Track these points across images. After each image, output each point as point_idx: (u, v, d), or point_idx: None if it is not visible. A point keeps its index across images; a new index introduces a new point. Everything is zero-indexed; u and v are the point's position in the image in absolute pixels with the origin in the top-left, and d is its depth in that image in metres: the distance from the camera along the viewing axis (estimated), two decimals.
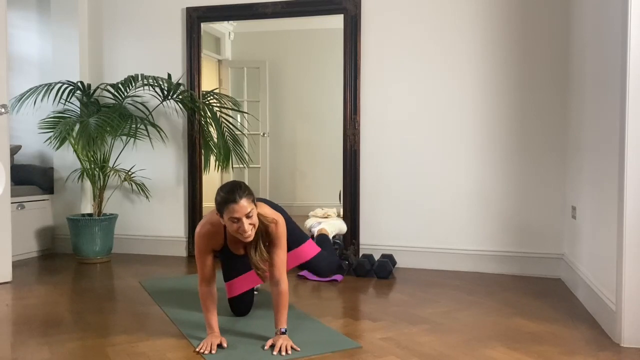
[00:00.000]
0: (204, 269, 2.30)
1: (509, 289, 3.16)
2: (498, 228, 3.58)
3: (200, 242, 2.29)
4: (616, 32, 2.37)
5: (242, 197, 2.10)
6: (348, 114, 3.80)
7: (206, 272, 2.30)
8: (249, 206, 2.11)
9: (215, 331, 2.23)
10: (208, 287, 2.30)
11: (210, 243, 2.31)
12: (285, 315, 2.24)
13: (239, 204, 2.09)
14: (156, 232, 4.24)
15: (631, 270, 2.22)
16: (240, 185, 2.15)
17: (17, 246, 3.91)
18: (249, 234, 2.15)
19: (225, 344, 2.19)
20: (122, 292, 3.11)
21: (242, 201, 2.09)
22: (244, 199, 2.10)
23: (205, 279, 2.30)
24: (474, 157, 3.62)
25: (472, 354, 2.13)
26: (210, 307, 2.27)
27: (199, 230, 2.30)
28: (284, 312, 2.23)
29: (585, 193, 2.91)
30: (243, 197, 2.10)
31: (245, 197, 2.11)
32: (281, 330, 2.20)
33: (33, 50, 4.49)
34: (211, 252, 2.33)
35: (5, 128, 3.29)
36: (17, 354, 2.14)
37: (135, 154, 4.21)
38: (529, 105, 3.52)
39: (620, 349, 2.21)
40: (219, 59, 4.45)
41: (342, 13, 3.79)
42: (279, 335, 2.19)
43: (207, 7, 4.06)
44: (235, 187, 2.14)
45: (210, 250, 2.32)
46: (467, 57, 3.61)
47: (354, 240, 3.80)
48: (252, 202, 2.14)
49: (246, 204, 2.10)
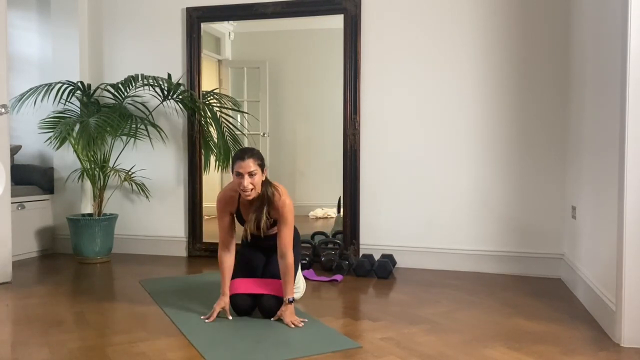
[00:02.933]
0: (222, 231, 2.62)
1: (509, 289, 3.16)
2: (498, 228, 3.58)
3: (219, 204, 2.63)
4: (616, 33, 2.37)
5: (249, 157, 2.44)
6: (348, 114, 3.80)
7: (224, 234, 2.61)
8: (253, 166, 2.43)
9: (225, 294, 2.55)
10: (225, 251, 2.60)
11: (227, 205, 2.62)
12: (292, 286, 2.52)
13: (245, 161, 2.42)
14: (156, 232, 4.24)
15: (631, 270, 2.22)
16: (253, 149, 2.50)
17: (17, 246, 3.90)
18: (248, 192, 2.45)
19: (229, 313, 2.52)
20: (122, 292, 3.11)
21: (248, 160, 2.43)
22: (250, 159, 2.43)
23: (223, 242, 2.61)
24: (474, 156, 3.62)
25: (472, 354, 2.13)
26: (224, 272, 2.58)
27: (219, 194, 2.65)
28: (290, 283, 2.51)
29: (585, 193, 2.91)
30: (250, 158, 2.44)
31: (252, 157, 2.44)
32: (289, 300, 2.49)
33: (33, 50, 4.49)
34: (229, 214, 2.62)
35: (5, 128, 3.29)
36: (17, 354, 2.14)
37: (135, 154, 4.21)
38: (529, 105, 3.52)
39: (620, 349, 2.21)
40: (219, 59, 4.45)
41: (342, 13, 3.79)
42: (286, 306, 2.48)
43: (207, 7, 4.06)
44: (248, 149, 2.51)
45: (228, 212, 2.62)
46: (467, 57, 3.61)
47: (354, 240, 3.80)
48: (257, 165, 2.45)
49: (251, 163, 2.42)
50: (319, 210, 4.25)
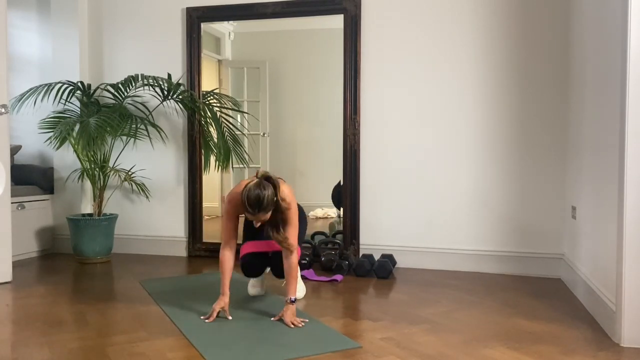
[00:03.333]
0: (227, 231, 2.63)
1: (509, 289, 3.16)
2: (498, 228, 3.58)
3: (228, 206, 2.64)
4: (616, 32, 2.37)
5: (259, 212, 2.41)
6: (348, 114, 3.80)
7: (228, 235, 2.63)
8: (262, 217, 2.44)
9: (225, 294, 2.56)
10: (227, 251, 2.62)
11: (236, 208, 2.61)
12: (295, 285, 2.54)
13: (256, 215, 2.43)
14: (156, 232, 4.24)
15: (631, 270, 2.22)
16: (263, 202, 2.39)
17: (17, 246, 3.91)
18: (257, 225, 2.52)
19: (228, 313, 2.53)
20: (122, 292, 3.11)
21: (258, 215, 2.42)
22: (260, 214, 2.42)
23: (227, 242, 2.63)
24: (474, 156, 3.62)
25: (472, 354, 2.13)
26: (225, 272, 2.59)
27: (228, 197, 2.66)
28: (293, 283, 2.54)
29: (585, 193, 2.91)
30: (259, 213, 2.41)
31: (262, 212, 2.42)
32: (290, 299, 2.51)
33: (33, 50, 4.49)
34: (236, 217, 2.64)
35: (5, 128, 3.29)
36: (17, 354, 2.14)
37: (135, 154, 4.21)
38: (529, 105, 3.52)
39: (620, 348, 2.21)
40: (219, 59, 4.45)
41: (342, 13, 3.79)
42: (287, 306, 2.49)
43: (207, 7, 4.06)
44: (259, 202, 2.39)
45: (236, 215, 2.63)
46: (468, 57, 3.61)
47: (354, 240, 3.80)
48: (269, 212, 2.44)
49: (260, 217, 2.43)
50: (319, 210, 4.24)
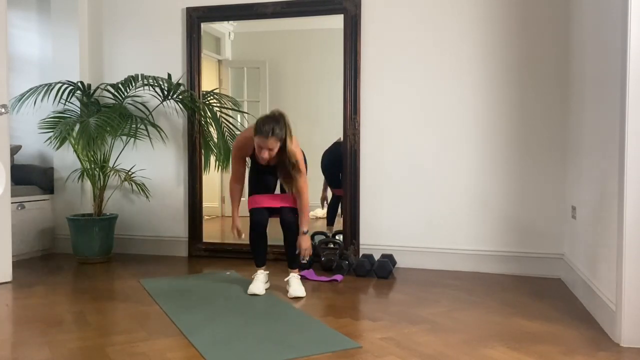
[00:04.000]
0: (235, 172, 3.03)
1: (509, 289, 3.16)
2: (498, 228, 3.58)
3: (235, 151, 2.99)
4: (616, 32, 2.37)
5: (271, 136, 2.68)
6: (348, 114, 3.80)
7: (236, 174, 3.03)
8: (273, 144, 2.70)
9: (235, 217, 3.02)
10: (236, 184, 3.04)
11: (242, 150, 2.95)
12: (306, 218, 2.94)
13: (267, 140, 2.68)
14: (156, 232, 4.24)
15: (631, 270, 2.22)
16: (276, 126, 2.70)
17: (17, 246, 3.90)
18: (264, 159, 2.77)
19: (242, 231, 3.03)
20: (122, 292, 3.11)
21: (269, 140, 2.68)
22: (272, 139, 2.68)
23: (236, 178, 3.04)
24: (474, 156, 3.62)
25: (472, 354, 2.13)
26: (234, 201, 3.04)
27: (236, 142, 3.01)
28: (304, 216, 2.94)
29: (585, 193, 2.91)
30: (272, 137, 2.68)
31: (274, 137, 2.68)
32: (303, 231, 2.94)
33: (33, 50, 4.49)
34: (244, 159, 3.01)
35: (5, 128, 3.29)
36: (17, 354, 2.14)
37: (135, 154, 4.21)
38: (529, 105, 3.52)
39: (620, 348, 2.21)
40: (219, 59, 4.45)
41: (342, 13, 3.79)
42: (302, 236, 2.94)
43: (207, 7, 4.06)
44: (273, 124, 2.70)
45: (243, 157, 2.99)
46: (468, 57, 3.61)
47: (354, 240, 3.80)
48: (278, 141, 2.71)
49: (271, 143, 2.69)
50: (319, 210, 4.24)
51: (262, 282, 3.03)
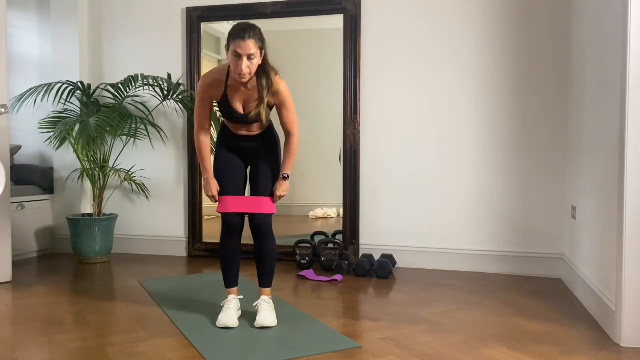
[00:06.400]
0: (201, 117, 2.49)
1: (509, 289, 3.16)
2: (498, 228, 3.58)
3: (201, 88, 2.45)
4: (616, 32, 2.37)
5: (250, 37, 2.23)
6: (348, 114, 3.80)
7: (202, 120, 2.50)
8: (253, 47, 2.23)
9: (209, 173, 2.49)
10: (203, 136, 2.52)
11: (211, 89, 2.43)
12: (291, 162, 2.51)
13: (245, 41, 2.22)
14: (156, 232, 4.24)
15: (631, 270, 2.22)
16: (254, 27, 2.28)
17: (17, 246, 3.90)
18: (244, 74, 2.26)
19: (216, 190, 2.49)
20: (122, 292, 3.11)
21: (249, 41, 2.23)
22: (251, 40, 2.23)
23: (201, 125, 2.51)
24: (474, 156, 3.62)
25: (472, 354, 2.13)
26: (204, 155, 2.51)
27: (203, 77, 2.48)
28: (289, 159, 2.51)
29: (585, 193, 2.91)
30: (252, 38, 2.24)
31: (254, 38, 2.24)
32: (284, 175, 2.50)
33: (33, 50, 4.49)
34: (210, 102, 2.48)
35: (5, 128, 3.29)
36: (17, 354, 2.14)
37: (135, 154, 4.21)
38: (529, 105, 3.52)
39: (620, 348, 2.21)
40: (219, 59, 4.45)
41: (342, 13, 3.79)
42: (281, 182, 2.50)
43: (207, 7, 4.06)
44: (249, 27, 2.26)
45: (210, 98, 2.46)
46: (468, 57, 3.61)
47: (354, 240, 3.80)
48: (258, 47, 2.26)
49: (252, 45, 2.23)
50: (319, 210, 4.24)
51: (235, 310, 2.49)
